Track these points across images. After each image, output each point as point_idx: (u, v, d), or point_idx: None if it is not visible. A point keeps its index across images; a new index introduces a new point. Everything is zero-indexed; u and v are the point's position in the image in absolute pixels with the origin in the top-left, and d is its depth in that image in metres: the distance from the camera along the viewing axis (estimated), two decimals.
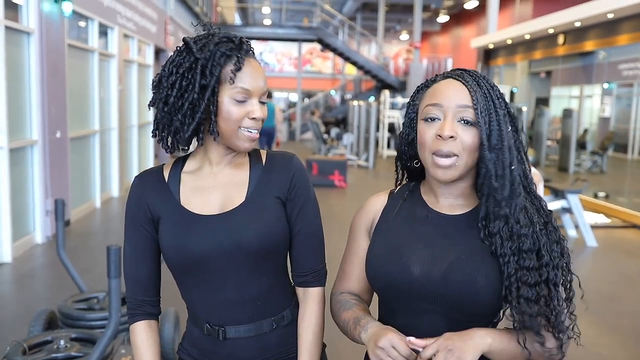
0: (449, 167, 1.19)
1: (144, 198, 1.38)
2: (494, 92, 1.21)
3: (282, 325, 1.40)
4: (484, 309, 1.19)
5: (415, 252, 1.23)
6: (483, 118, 1.17)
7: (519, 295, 1.15)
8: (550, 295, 1.16)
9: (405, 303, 1.23)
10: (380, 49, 24.61)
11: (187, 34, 8.86)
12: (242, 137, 1.30)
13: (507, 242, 1.17)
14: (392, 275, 1.24)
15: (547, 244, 1.18)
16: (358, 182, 11.03)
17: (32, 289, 4.82)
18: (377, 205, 1.36)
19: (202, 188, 1.36)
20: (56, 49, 6.22)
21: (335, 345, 3.51)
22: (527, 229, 1.18)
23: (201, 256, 1.31)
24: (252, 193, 1.35)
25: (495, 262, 1.18)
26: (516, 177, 1.19)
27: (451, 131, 1.17)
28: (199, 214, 1.33)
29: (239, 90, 1.27)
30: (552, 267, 1.17)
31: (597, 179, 11.27)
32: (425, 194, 1.31)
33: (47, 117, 5.98)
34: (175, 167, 1.40)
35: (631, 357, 3.85)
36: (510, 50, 15.39)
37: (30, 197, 5.92)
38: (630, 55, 10.97)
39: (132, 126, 9.75)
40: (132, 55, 9.72)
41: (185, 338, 1.47)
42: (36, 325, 3.03)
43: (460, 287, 1.18)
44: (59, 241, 3.43)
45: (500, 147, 1.17)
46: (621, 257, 6.58)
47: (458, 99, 1.19)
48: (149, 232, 1.37)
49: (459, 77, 1.22)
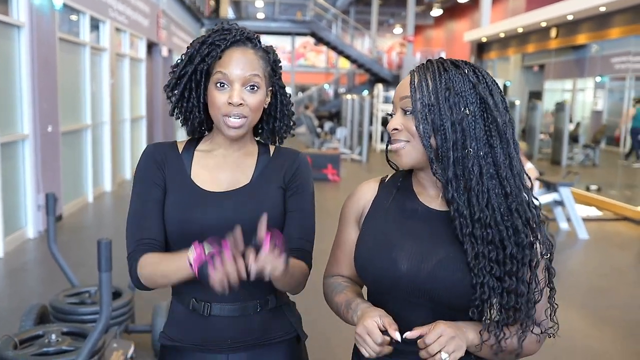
0: (398, 153, 1.25)
1: (158, 162, 1.43)
2: (448, 74, 1.21)
3: (267, 309, 1.43)
4: (470, 304, 1.19)
5: (404, 247, 1.24)
6: (414, 102, 1.21)
7: (482, 288, 1.17)
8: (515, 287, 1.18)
9: (392, 296, 1.25)
10: (373, 42, 24.58)
11: (179, 27, 8.86)
12: (224, 124, 1.36)
13: (466, 228, 1.19)
14: (380, 270, 1.25)
15: (513, 236, 1.19)
16: (351, 176, 11.03)
17: (24, 284, 4.81)
18: (368, 194, 1.37)
19: (212, 167, 1.43)
20: (47, 43, 6.17)
21: (329, 339, 3.54)
22: (482, 213, 1.18)
23: (202, 229, 1.34)
24: (257, 177, 1.43)
25: None
26: (472, 159, 1.18)
27: (394, 124, 1.24)
28: (206, 189, 1.39)
29: (217, 75, 1.35)
30: (517, 260, 1.18)
31: (589, 172, 11.31)
32: (416, 184, 1.33)
33: (38, 112, 5.95)
34: (189, 144, 1.47)
35: (621, 349, 3.88)
36: (504, 44, 15.41)
37: (22, 192, 5.90)
38: (623, 48, 11.00)
39: (124, 120, 9.71)
40: (124, 49, 9.67)
41: (167, 323, 1.48)
42: (27, 319, 3.03)
43: (447, 284, 1.20)
44: (50, 235, 3.41)
45: (441, 131, 1.19)
46: (612, 249, 6.62)
47: (401, 92, 1.25)
48: (159, 192, 1.40)
49: (415, 69, 1.26)
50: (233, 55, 1.35)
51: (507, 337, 1.20)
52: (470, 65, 1.25)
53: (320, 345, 3.49)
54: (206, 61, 1.35)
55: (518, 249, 1.19)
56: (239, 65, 1.34)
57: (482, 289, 1.17)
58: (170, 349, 1.46)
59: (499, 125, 1.20)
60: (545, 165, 11.57)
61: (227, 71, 1.34)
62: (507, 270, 1.18)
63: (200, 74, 1.37)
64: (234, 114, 1.34)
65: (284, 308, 1.48)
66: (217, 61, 1.35)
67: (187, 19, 15.91)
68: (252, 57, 1.36)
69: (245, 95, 1.34)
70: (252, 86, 1.35)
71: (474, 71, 1.23)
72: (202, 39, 1.38)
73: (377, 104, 15.49)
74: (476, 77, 1.22)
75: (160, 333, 1.49)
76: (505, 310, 1.18)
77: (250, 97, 1.35)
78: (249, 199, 1.39)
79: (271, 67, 1.42)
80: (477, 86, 1.21)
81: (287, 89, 1.51)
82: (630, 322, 4.34)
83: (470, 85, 1.21)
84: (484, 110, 1.21)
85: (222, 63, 1.35)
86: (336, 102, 23.22)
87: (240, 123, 1.35)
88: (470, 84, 1.21)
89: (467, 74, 1.22)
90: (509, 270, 1.18)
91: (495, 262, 1.18)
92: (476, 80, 1.21)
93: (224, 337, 1.41)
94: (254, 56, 1.37)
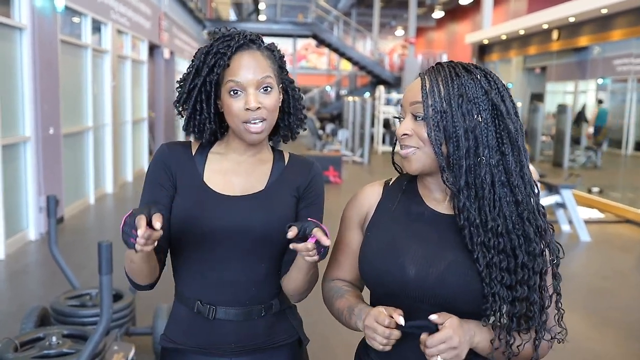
0: (407, 159, 1.24)
1: (170, 165, 1.42)
2: (459, 79, 1.19)
3: (271, 313, 1.43)
4: (478, 309, 1.18)
5: (411, 252, 1.23)
6: (426, 109, 1.19)
7: (493, 296, 1.16)
8: (527, 295, 1.17)
9: (398, 301, 1.22)
10: (375, 44, 24.58)
11: (181, 30, 8.86)
12: (245, 131, 1.35)
13: (477, 237, 1.18)
14: (386, 274, 1.24)
15: (525, 244, 1.18)
16: (353, 178, 11.02)
17: (25, 286, 4.81)
18: (372, 198, 1.36)
19: (226, 171, 1.42)
20: (49, 45, 6.18)
21: (329, 342, 3.53)
22: (494, 222, 1.17)
23: (210, 230, 1.34)
24: (272, 184, 1.42)
25: None
26: (484, 167, 1.18)
27: (404, 130, 1.23)
28: (217, 192, 1.38)
29: (230, 83, 1.33)
30: (528, 269, 1.17)
31: (591, 174, 11.28)
32: (421, 187, 1.31)
33: (40, 114, 5.95)
34: (204, 146, 1.46)
35: (623, 351, 3.87)
36: (505, 46, 15.39)
37: (24, 194, 5.90)
38: (624, 50, 10.98)
39: (126, 122, 9.72)
40: (126, 51, 9.68)
41: (169, 326, 1.47)
42: (28, 322, 3.02)
43: (455, 290, 1.18)
44: (51, 237, 3.41)
45: (454, 138, 1.18)
46: (614, 252, 6.61)
47: (412, 96, 1.23)
48: (167, 194, 1.39)
49: (424, 73, 1.25)
50: (241, 61, 1.34)
51: (519, 343, 1.18)
52: (482, 70, 1.23)
53: (320, 347, 3.48)
54: (215, 71, 1.34)
55: (529, 257, 1.18)
56: (249, 70, 1.33)
57: (493, 298, 1.16)
58: (171, 351, 1.45)
59: (510, 132, 1.19)
60: (547, 168, 11.56)
61: (238, 78, 1.33)
62: (519, 279, 1.17)
63: (210, 85, 1.35)
64: (253, 118, 1.33)
65: (286, 312, 1.47)
66: (226, 70, 1.34)
67: (189, 21, 15.93)
68: (260, 58, 1.36)
69: (260, 98, 1.33)
70: (266, 88, 1.34)
71: (486, 76, 1.22)
72: (206, 49, 1.36)
73: (379, 106, 15.49)
74: (488, 83, 1.21)
75: (161, 335, 1.48)
76: (516, 319, 1.18)
77: (266, 99, 1.34)
78: (262, 205, 1.38)
79: (278, 64, 1.41)
80: (490, 92, 1.20)
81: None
82: (631, 324, 4.33)
83: (483, 91, 1.20)
84: (496, 116, 1.20)
85: (232, 71, 1.33)
86: (338, 104, 23.23)
87: (261, 127, 1.34)
88: (482, 90, 1.20)
89: (479, 79, 1.20)
90: (521, 279, 1.17)
91: (506, 271, 1.17)
92: (488, 87, 1.20)
93: (228, 341, 1.40)
94: (262, 57, 1.36)
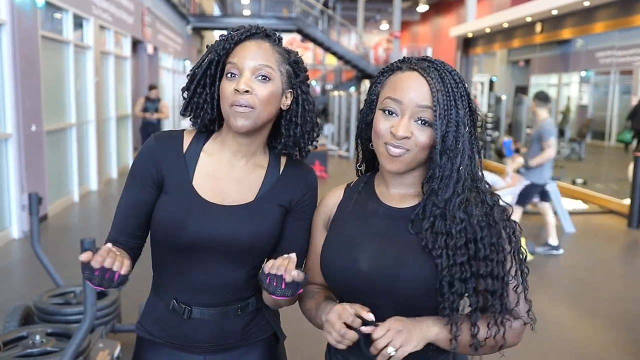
0: (397, 157, 1.20)
1: (158, 160, 1.36)
2: (458, 89, 1.19)
3: (247, 312, 1.41)
4: (435, 304, 1.17)
5: (365, 246, 1.23)
6: (441, 120, 1.17)
7: (450, 290, 1.15)
8: (487, 288, 1.17)
9: (355, 297, 1.22)
10: (360, 38, 24.57)
11: (165, 25, 8.81)
12: (232, 116, 1.28)
13: (441, 238, 1.17)
14: (342, 270, 1.24)
15: (487, 237, 1.18)
16: (339, 173, 11.02)
17: (8, 284, 4.75)
18: (333, 200, 1.37)
19: (217, 177, 1.36)
20: (29, 41, 6.10)
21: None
22: (463, 223, 1.17)
23: (194, 239, 1.31)
24: (262, 196, 1.37)
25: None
26: (462, 176, 1.19)
27: (406, 132, 1.18)
28: (206, 199, 1.33)
29: (228, 65, 1.30)
30: (489, 261, 1.17)
31: (575, 166, 11.38)
32: (378, 186, 1.32)
33: (22, 111, 5.87)
34: (197, 140, 1.39)
35: (608, 341, 3.91)
36: (489, 39, 15.44)
37: (6, 192, 5.83)
38: (607, 43, 11.05)
39: (109, 118, 9.63)
40: (109, 47, 9.58)
41: (145, 315, 1.45)
42: (11, 320, 2.99)
43: (407, 282, 1.18)
44: (33, 235, 3.37)
45: (453, 149, 1.18)
46: (599, 242, 6.68)
47: (419, 98, 1.18)
48: (150, 194, 1.35)
49: (424, 72, 1.19)
50: (246, 46, 1.31)
51: (483, 333, 1.18)
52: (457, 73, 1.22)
53: (308, 344, 3.47)
54: (218, 53, 1.31)
55: (489, 249, 1.17)
56: (249, 55, 1.29)
57: (449, 289, 1.15)
58: (146, 341, 1.44)
59: (477, 137, 1.23)
60: None
61: (236, 60, 1.29)
62: (475, 271, 1.17)
63: (214, 68, 1.32)
64: (240, 102, 1.26)
65: (263, 309, 1.45)
66: (231, 54, 1.31)
67: (173, 16, 15.80)
68: (267, 48, 1.31)
69: (254, 84, 1.28)
70: (264, 77, 1.29)
71: (462, 81, 1.21)
72: (220, 37, 1.35)
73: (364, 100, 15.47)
74: (464, 86, 1.21)
75: (137, 324, 1.47)
76: (478, 309, 1.17)
77: (259, 87, 1.28)
78: (250, 218, 1.34)
79: (291, 67, 1.35)
80: (469, 95, 1.22)
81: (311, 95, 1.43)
82: (616, 314, 4.38)
83: (467, 95, 1.21)
84: (473, 124, 1.22)
85: (234, 54, 1.31)
86: (323, 98, 23.18)
87: (246, 112, 1.26)
88: (466, 94, 1.21)
89: (462, 81, 1.21)
90: (477, 271, 1.17)
91: (464, 264, 1.16)
92: (464, 90, 1.21)
93: (203, 340, 1.39)
94: (269, 48, 1.32)
